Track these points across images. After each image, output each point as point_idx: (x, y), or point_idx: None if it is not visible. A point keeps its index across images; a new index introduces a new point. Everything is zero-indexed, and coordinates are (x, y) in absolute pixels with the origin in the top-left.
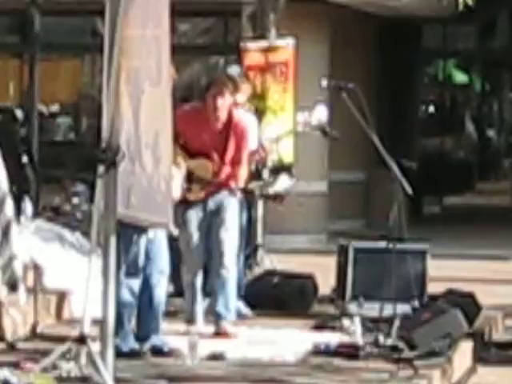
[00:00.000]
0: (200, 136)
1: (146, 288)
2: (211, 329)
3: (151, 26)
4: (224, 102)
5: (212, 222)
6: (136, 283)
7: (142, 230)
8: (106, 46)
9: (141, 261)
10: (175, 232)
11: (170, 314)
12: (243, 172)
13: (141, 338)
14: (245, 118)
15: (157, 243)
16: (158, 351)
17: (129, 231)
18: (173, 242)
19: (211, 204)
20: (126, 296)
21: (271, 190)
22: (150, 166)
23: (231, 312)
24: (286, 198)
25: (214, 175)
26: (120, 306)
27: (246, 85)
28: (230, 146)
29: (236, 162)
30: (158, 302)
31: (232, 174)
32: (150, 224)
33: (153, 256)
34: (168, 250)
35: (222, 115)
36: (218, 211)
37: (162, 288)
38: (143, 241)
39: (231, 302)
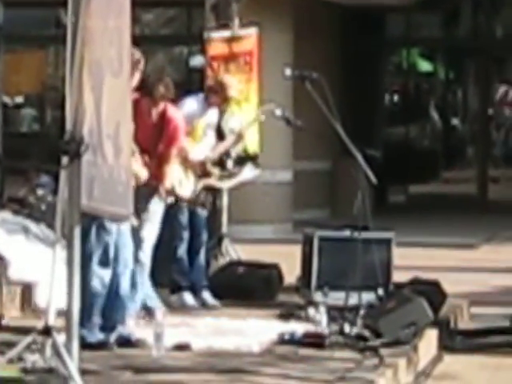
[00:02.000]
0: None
1: (113, 279)
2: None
3: (113, 16)
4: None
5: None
6: (107, 274)
7: (114, 221)
8: (68, 37)
9: (111, 251)
10: (135, 223)
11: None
12: (170, 170)
13: (107, 328)
14: (178, 115)
15: (123, 235)
16: (124, 341)
17: (102, 221)
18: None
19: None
20: (97, 286)
21: (236, 180)
22: (110, 156)
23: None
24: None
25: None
26: (90, 296)
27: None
28: (162, 140)
29: (164, 160)
30: (124, 293)
31: (158, 172)
32: (111, 216)
33: (120, 247)
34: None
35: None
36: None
37: (126, 279)
38: (114, 231)
39: (137, 295)
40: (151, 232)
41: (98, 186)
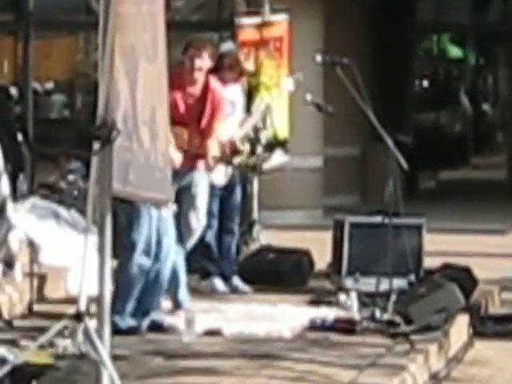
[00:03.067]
0: (176, 102)
1: (154, 265)
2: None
3: (146, 2)
4: (202, 64)
5: (182, 199)
6: (148, 262)
7: (156, 207)
8: (100, 22)
9: (154, 238)
10: (175, 208)
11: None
12: (214, 144)
13: (140, 313)
14: (220, 88)
15: (165, 221)
16: (156, 327)
17: (142, 209)
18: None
19: (182, 180)
20: (137, 274)
21: (266, 166)
22: (147, 142)
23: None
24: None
25: (189, 143)
26: (128, 283)
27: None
28: (205, 113)
29: (208, 134)
30: (163, 280)
31: (203, 145)
32: (148, 201)
33: (161, 234)
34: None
35: (200, 77)
36: (187, 188)
37: (167, 266)
38: (155, 218)
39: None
40: (203, 203)
41: (134, 172)
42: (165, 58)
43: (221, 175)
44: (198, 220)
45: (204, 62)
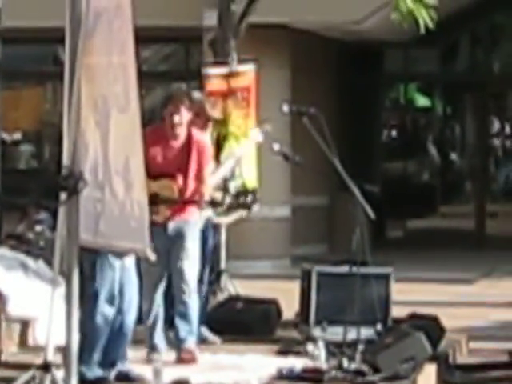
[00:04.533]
0: (161, 156)
1: (117, 315)
2: (173, 355)
3: (116, 52)
4: (181, 119)
5: (172, 248)
6: (111, 311)
7: (118, 256)
8: (66, 73)
9: (116, 289)
10: (152, 257)
11: (134, 342)
12: (207, 190)
13: (107, 364)
14: (202, 136)
15: (128, 271)
16: (123, 378)
17: (106, 257)
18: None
19: (171, 230)
20: (101, 324)
21: (234, 216)
22: (121, 192)
23: (194, 336)
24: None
25: (179, 193)
26: (93, 333)
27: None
28: (192, 163)
29: (199, 180)
30: (127, 330)
31: (197, 191)
32: (125, 250)
33: (124, 283)
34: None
35: (181, 132)
36: (178, 237)
37: (131, 316)
38: (118, 268)
39: (194, 327)
40: (196, 256)
41: (106, 222)
42: (137, 108)
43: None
44: (194, 272)
45: (183, 116)
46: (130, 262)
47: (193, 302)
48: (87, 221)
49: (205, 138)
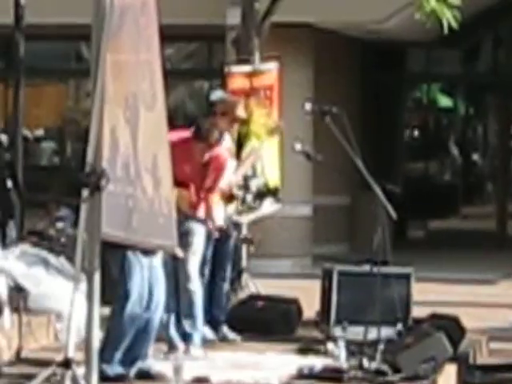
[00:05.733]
0: (181, 165)
1: (144, 314)
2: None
3: (143, 50)
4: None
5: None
6: (139, 312)
7: (146, 255)
8: (92, 70)
9: (146, 288)
10: (181, 254)
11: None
12: (212, 199)
13: (127, 362)
14: (223, 151)
15: (155, 269)
16: (144, 375)
17: (135, 257)
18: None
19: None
20: (129, 324)
21: (256, 215)
22: (150, 189)
23: (198, 331)
24: (256, 244)
25: (190, 206)
26: (120, 333)
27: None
28: (209, 177)
29: (209, 190)
30: (152, 329)
31: (204, 204)
32: (154, 247)
33: (152, 283)
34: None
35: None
36: (184, 235)
37: (158, 315)
38: (146, 267)
39: (199, 322)
40: (196, 262)
41: (138, 218)
42: (163, 105)
43: (220, 220)
44: (194, 265)
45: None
46: (157, 260)
47: (197, 297)
48: (120, 217)
49: (225, 153)
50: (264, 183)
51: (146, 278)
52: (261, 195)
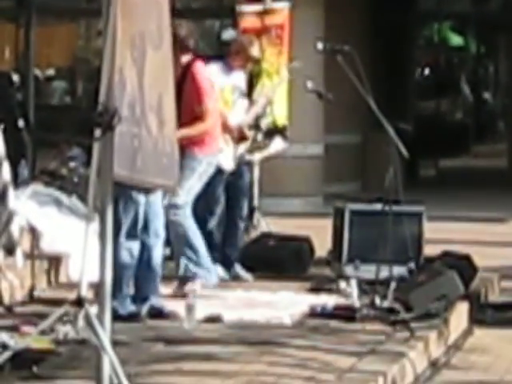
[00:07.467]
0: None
1: (144, 250)
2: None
3: None
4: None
5: None
6: (135, 245)
7: (143, 192)
8: (103, 9)
9: (140, 223)
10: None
11: (166, 278)
12: (201, 127)
13: (139, 299)
14: (203, 69)
15: (153, 206)
16: (156, 313)
17: (130, 193)
18: None
19: None
20: (126, 258)
21: (265, 153)
22: (154, 128)
23: (199, 267)
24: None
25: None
26: (119, 268)
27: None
28: (186, 96)
29: (200, 118)
30: (156, 264)
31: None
32: (156, 186)
33: (150, 218)
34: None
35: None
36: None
37: (158, 250)
38: (143, 203)
39: (201, 258)
40: (189, 190)
41: (142, 158)
42: (169, 46)
43: (230, 160)
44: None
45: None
46: (154, 197)
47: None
48: (125, 156)
49: (204, 71)
50: (272, 121)
51: (142, 213)
52: (270, 133)
